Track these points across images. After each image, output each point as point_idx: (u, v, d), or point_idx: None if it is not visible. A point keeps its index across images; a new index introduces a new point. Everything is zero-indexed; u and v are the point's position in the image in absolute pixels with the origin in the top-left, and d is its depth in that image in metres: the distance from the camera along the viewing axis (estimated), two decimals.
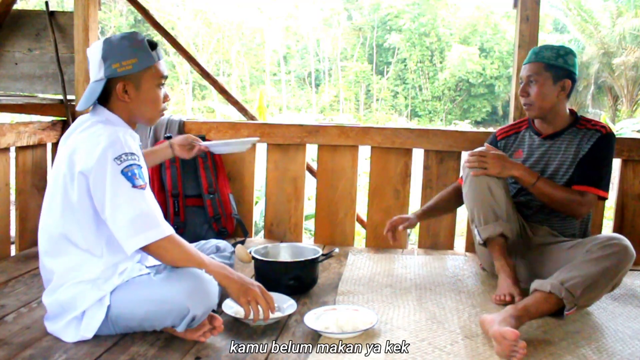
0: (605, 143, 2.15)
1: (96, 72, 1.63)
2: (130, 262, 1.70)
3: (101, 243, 1.63)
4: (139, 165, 1.59)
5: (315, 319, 1.80)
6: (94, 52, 1.64)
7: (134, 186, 1.55)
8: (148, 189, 1.60)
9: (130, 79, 1.63)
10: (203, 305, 1.59)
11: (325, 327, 1.73)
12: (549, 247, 2.15)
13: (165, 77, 1.71)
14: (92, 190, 1.56)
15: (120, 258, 1.66)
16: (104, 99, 1.67)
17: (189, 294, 1.56)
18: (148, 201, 1.57)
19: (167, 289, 1.58)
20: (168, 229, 1.59)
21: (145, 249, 1.59)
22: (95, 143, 1.57)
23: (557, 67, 2.13)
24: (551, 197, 2.10)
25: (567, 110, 2.24)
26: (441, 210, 2.48)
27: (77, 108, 1.69)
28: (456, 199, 2.41)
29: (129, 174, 1.54)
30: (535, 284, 1.88)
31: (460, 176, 2.44)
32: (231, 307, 1.83)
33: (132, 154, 1.59)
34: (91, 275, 1.62)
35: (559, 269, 1.90)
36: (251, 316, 1.66)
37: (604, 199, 2.19)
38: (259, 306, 1.66)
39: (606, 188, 2.16)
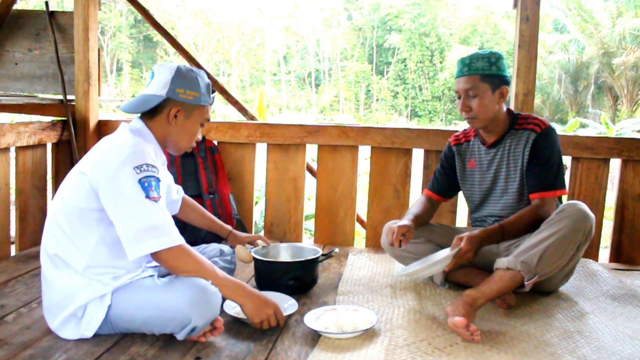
0: (543, 141, 2.08)
1: (159, 87, 1.71)
2: (129, 273, 1.68)
3: (91, 239, 1.61)
4: (157, 178, 1.61)
5: (315, 319, 1.80)
6: (165, 70, 1.73)
7: (147, 197, 1.56)
8: (162, 201, 1.62)
9: (185, 107, 1.74)
10: (205, 316, 1.60)
11: (325, 327, 1.74)
12: (520, 240, 2.16)
13: (208, 121, 1.83)
14: (104, 193, 1.57)
15: (111, 262, 1.64)
16: (149, 114, 1.74)
17: (192, 304, 1.56)
18: (159, 213, 1.58)
19: (171, 297, 1.58)
20: (179, 239, 1.60)
21: (157, 258, 1.59)
22: (118, 148, 1.61)
23: (492, 75, 2.06)
24: (521, 232, 2.05)
25: (505, 112, 2.17)
26: (424, 222, 2.34)
27: (122, 109, 1.76)
28: (432, 212, 2.38)
29: (145, 184, 1.57)
30: (496, 262, 1.94)
31: (427, 187, 2.43)
32: (233, 308, 1.83)
33: (153, 166, 1.62)
34: (77, 267, 1.61)
35: None
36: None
37: (563, 194, 2.13)
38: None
39: (562, 185, 2.10)
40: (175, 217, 2.49)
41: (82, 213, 1.61)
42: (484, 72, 2.06)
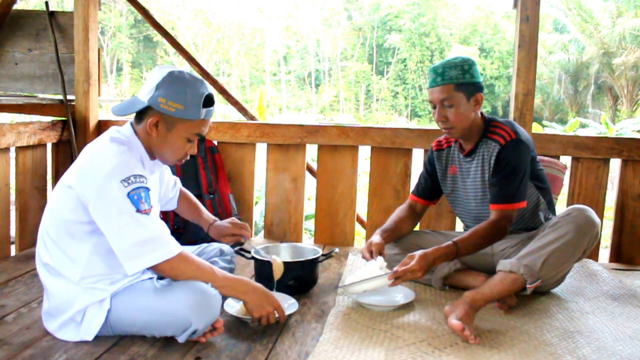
0: (506, 154, 2.03)
1: (145, 92, 1.62)
2: (126, 277, 1.66)
3: (84, 251, 1.60)
4: (146, 188, 1.57)
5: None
6: (156, 75, 1.62)
7: (138, 210, 1.53)
8: (154, 211, 1.58)
9: (166, 119, 1.62)
10: (205, 319, 1.59)
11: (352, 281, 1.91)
12: (516, 239, 2.16)
13: (200, 136, 1.68)
14: (93, 208, 1.54)
15: (107, 271, 1.63)
16: (137, 119, 1.68)
17: (193, 307, 1.56)
18: (152, 226, 1.55)
19: (171, 300, 1.58)
20: (176, 248, 1.58)
21: (155, 269, 1.58)
22: (102, 160, 1.56)
23: (467, 84, 2.00)
24: (478, 247, 2.01)
25: (480, 120, 2.12)
26: (402, 234, 2.31)
27: (113, 111, 1.69)
28: (412, 220, 2.35)
29: (134, 197, 1.53)
30: (499, 264, 1.93)
31: (412, 192, 2.40)
32: (233, 307, 1.83)
33: (141, 176, 1.57)
34: (72, 277, 1.60)
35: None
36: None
37: (521, 207, 2.07)
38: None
39: (521, 199, 2.03)
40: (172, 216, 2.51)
41: (71, 226, 1.59)
42: (458, 80, 2.00)
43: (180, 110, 1.60)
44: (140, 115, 1.66)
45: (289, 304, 1.90)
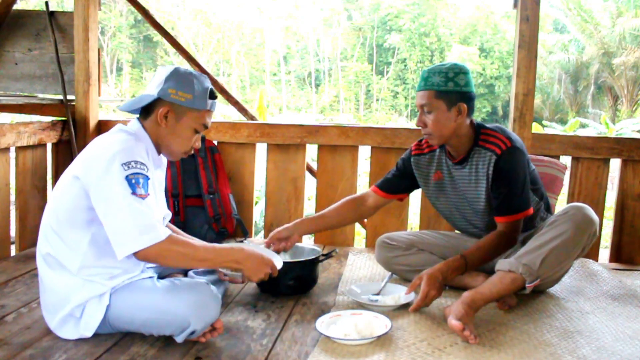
0: (504, 164, 1.97)
1: (154, 87, 1.69)
2: (126, 272, 1.68)
3: (83, 240, 1.61)
4: (146, 176, 1.58)
5: (327, 326, 1.76)
6: (163, 71, 1.70)
7: (134, 193, 1.53)
8: (151, 199, 1.59)
9: (176, 108, 1.68)
10: (204, 320, 1.60)
11: (345, 334, 1.70)
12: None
13: (206, 128, 1.75)
14: (93, 192, 1.55)
15: (106, 262, 1.63)
16: (145, 114, 1.72)
17: (192, 308, 1.56)
18: (144, 210, 1.54)
19: (170, 300, 1.58)
20: (163, 234, 1.55)
21: (145, 255, 1.54)
22: (108, 147, 1.59)
23: (448, 92, 1.94)
24: (487, 259, 1.99)
25: (469, 128, 2.04)
26: (333, 224, 2.31)
27: (119, 107, 1.74)
28: (355, 212, 2.30)
29: (132, 181, 1.54)
30: (497, 264, 1.93)
31: (376, 185, 2.32)
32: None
33: (142, 163, 1.59)
34: (71, 267, 1.61)
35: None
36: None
37: (528, 215, 2.03)
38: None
39: (527, 206, 2.00)
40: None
41: (73, 214, 1.60)
42: (439, 88, 1.94)
43: (189, 100, 1.67)
44: (148, 109, 1.70)
45: (402, 295, 2.00)
